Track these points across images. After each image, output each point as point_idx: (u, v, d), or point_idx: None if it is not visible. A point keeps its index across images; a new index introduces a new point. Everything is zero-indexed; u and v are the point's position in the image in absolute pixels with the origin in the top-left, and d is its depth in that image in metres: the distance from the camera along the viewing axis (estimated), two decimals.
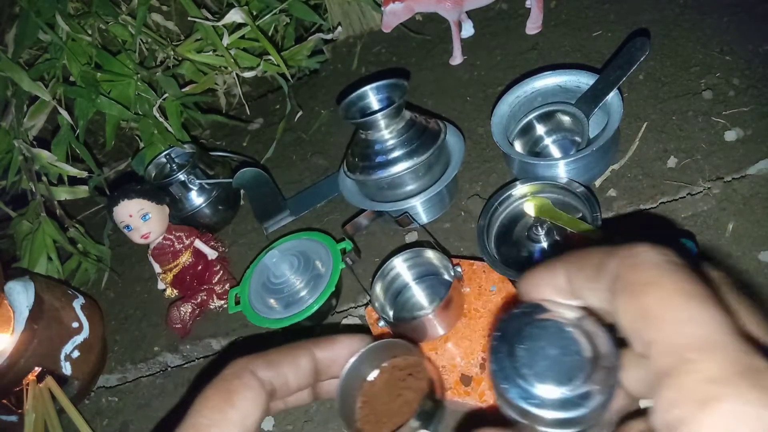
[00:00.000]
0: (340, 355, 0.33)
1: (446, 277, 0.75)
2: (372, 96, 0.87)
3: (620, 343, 0.25)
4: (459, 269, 0.70)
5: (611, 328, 0.26)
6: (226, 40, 1.14)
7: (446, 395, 0.63)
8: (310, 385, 0.33)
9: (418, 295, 0.78)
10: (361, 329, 0.80)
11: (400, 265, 0.76)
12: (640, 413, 0.27)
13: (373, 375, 0.67)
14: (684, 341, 0.21)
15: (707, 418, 0.19)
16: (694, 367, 0.20)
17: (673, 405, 0.20)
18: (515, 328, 0.27)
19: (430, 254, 0.73)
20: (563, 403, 0.25)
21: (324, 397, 0.35)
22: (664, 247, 0.24)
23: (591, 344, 0.26)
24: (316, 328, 0.83)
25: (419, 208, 0.85)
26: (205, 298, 0.93)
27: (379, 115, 0.80)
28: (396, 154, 0.82)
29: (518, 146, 0.83)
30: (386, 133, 0.82)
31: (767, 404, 0.19)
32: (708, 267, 0.26)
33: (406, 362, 0.66)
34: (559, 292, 0.27)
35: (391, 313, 0.75)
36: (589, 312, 0.27)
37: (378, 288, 0.75)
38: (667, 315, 0.22)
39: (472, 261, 0.74)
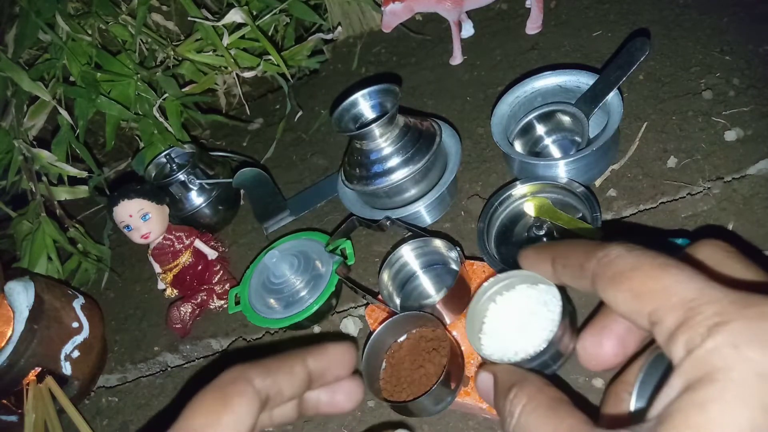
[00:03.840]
0: (332, 363, 0.34)
1: (453, 266, 0.75)
2: (364, 103, 0.86)
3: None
4: (459, 251, 0.70)
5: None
6: (226, 40, 1.14)
7: (463, 377, 0.64)
8: (301, 395, 0.33)
9: (425, 283, 0.78)
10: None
11: (407, 254, 0.77)
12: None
13: (401, 338, 0.69)
14: (678, 299, 0.24)
15: (719, 336, 0.21)
16: (697, 312, 0.23)
17: (688, 343, 0.22)
18: None
19: (438, 243, 0.74)
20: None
21: (309, 413, 0.36)
22: (632, 244, 0.27)
23: None
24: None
25: (423, 211, 0.85)
26: (205, 298, 0.93)
27: (373, 126, 0.79)
28: (393, 162, 0.81)
29: (518, 146, 0.83)
30: (381, 141, 0.81)
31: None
32: (705, 242, 0.31)
33: (434, 334, 0.67)
34: (546, 275, 0.36)
35: (398, 302, 0.76)
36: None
37: (385, 276, 0.75)
38: (655, 286, 0.25)
39: (472, 261, 0.74)
